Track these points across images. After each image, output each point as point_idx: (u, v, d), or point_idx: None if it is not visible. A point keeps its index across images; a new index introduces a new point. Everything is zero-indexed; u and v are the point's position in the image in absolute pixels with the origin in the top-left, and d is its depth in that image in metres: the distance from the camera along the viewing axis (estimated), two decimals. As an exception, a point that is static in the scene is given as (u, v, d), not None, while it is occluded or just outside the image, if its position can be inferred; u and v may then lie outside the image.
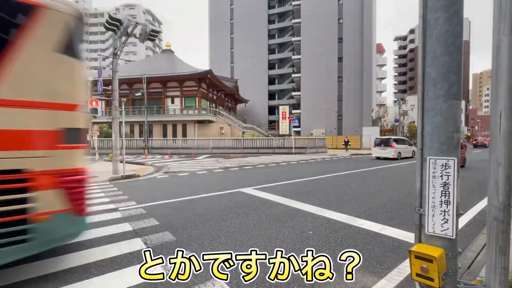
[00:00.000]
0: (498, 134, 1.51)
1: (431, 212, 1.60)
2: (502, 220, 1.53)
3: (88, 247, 3.88)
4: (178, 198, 7.03)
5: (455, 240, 1.61)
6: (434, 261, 1.45)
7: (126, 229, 4.65)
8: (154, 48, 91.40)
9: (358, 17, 41.07)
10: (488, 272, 1.60)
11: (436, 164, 1.59)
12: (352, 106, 41.79)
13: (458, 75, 1.55)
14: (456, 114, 1.57)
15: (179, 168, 14.24)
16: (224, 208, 5.99)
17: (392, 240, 4.22)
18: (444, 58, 1.54)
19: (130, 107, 31.11)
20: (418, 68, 1.58)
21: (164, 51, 39.32)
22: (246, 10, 49.77)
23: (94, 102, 11.48)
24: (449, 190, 1.56)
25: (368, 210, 5.83)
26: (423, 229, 1.62)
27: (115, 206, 6.19)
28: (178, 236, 4.29)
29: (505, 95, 1.47)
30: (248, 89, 48.21)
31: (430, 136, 1.62)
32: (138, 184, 9.50)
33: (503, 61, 1.44)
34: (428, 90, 1.60)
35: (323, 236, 4.33)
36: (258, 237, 4.28)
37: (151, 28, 9.58)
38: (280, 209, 5.88)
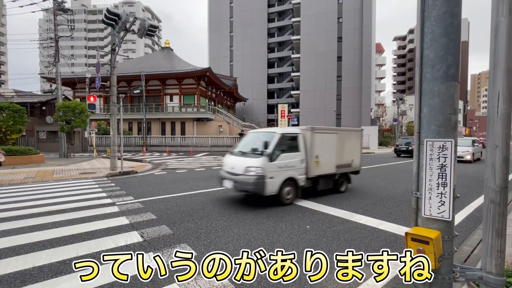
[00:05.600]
0: (495, 116, 1.50)
1: (428, 194, 1.59)
2: (499, 203, 1.52)
3: (84, 239, 3.85)
4: (176, 193, 7.01)
5: (451, 222, 1.60)
6: (431, 242, 1.43)
7: (122, 222, 4.63)
8: (153, 46, 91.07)
9: (358, 16, 41.05)
10: (484, 255, 1.59)
11: (433, 147, 1.57)
12: (351, 105, 41.81)
13: (456, 56, 1.53)
14: (453, 96, 1.55)
15: (177, 165, 14.20)
16: (221, 203, 5.98)
17: (389, 234, 4.23)
18: (442, 40, 1.52)
19: (128, 105, 30.98)
20: (416, 51, 1.57)
21: (163, 48, 39.14)
22: (246, 9, 49.63)
23: (92, 98, 11.41)
24: (446, 172, 1.55)
25: (366, 206, 5.84)
26: (419, 213, 1.61)
27: (112, 201, 6.17)
28: (175, 230, 4.28)
29: (502, 77, 1.45)
30: (247, 87, 48.13)
31: (428, 118, 1.60)
32: (136, 180, 9.47)
33: (501, 42, 1.41)
34: (425, 72, 1.58)
35: (320, 230, 4.33)
36: (255, 231, 4.27)
37: (149, 24, 9.51)
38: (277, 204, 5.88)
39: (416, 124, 1.65)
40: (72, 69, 37.40)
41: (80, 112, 17.85)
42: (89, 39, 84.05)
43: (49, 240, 3.80)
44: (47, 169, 12.20)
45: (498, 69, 1.43)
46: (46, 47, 40.09)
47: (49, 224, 4.52)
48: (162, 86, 31.04)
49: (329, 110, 42.45)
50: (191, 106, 30.51)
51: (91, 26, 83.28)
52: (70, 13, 19.95)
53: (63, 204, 5.87)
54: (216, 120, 31.23)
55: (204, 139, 27.21)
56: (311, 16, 43.22)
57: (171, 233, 4.13)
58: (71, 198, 6.41)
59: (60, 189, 7.58)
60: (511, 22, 1.37)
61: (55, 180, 9.26)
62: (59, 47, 19.08)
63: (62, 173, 10.82)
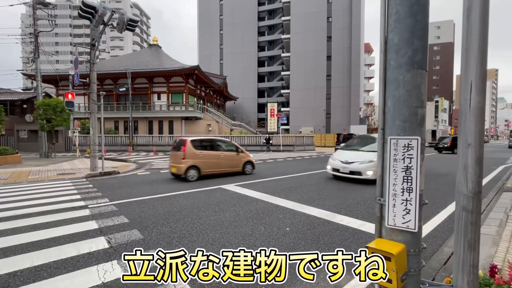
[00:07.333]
0: (468, 111, 1.32)
1: (392, 201, 1.40)
2: (471, 210, 1.34)
3: (44, 247, 3.55)
4: (156, 195, 6.72)
5: (418, 233, 1.41)
6: (392, 259, 1.26)
7: (91, 227, 4.33)
8: (141, 43, 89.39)
9: (347, 16, 41.32)
10: (455, 270, 1.41)
11: (397, 145, 1.39)
12: (340, 104, 42.11)
13: (423, 40, 1.36)
14: (420, 86, 1.37)
15: (163, 165, 13.81)
16: (201, 205, 5.74)
17: (370, 236, 4.09)
18: (407, 20, 1.34)
19: (114, 103, 30.17)
20: (380, 34, 1.38)
21: (151, 45, 38.31)
22: (236, 7, 49.18)
23: (71, 95, 10.91)
24: (411, 175, 1.37)
25: (349, 206, 5.72)
26: (383, 222, 1.42)
27: (85, 204, 5.83)
28: (146, 235, 4.02)
29: (475, 64, 1.28)
30: (238, 86, 47.77)
31: (392, 112, 1.41)
32: (117, 181, 9.09)
33: (474, 24, 1.24)
34: (390, 59, 1.40)
35: (300, 233, 4.16)
36: (232, 234, 4.06)
37: (128, 17, 9.10)
38: (260, 206, 5.69)
39: (381, 119, 1.45)
40: (57, 66, 36.16)
41: (62, 110, 17.18)
42: (75, 35, 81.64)
43: (2, 249, 3.48)
44: (23, 169, 11.63)
45: (470, 55, 1.26)
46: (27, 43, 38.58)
47: (8, 230, 4.18)
48: (150, 84, 30.37)
49: (319, 109, 42.65)
50: (179, 105, 29.97)
51: (77, 22, 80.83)
52: (51, 7, 19.18)
53: (31, 207, 5.50)
54: (205, 119, 30.81)
55: (192, 138, 26.76)
56: (301, 15, 43.26)
57: (141, 238, 3.87)
58: (41, 201, 6.04)
59: (32, 191, 7.16)
60: (485, 1, 1.21)
61: (30, 182, 8.79)
62: (40, 43, 18.32)
63: (38, 174, 10.32)
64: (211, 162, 9.13)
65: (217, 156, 9.42)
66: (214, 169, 9.21)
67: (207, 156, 9.09)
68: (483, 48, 1.24)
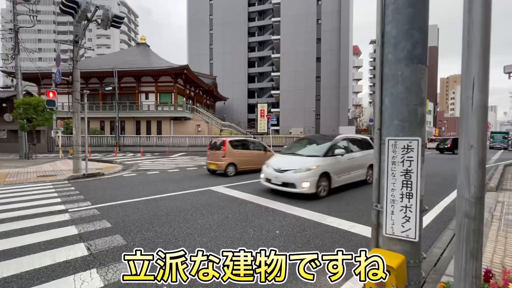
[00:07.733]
0: (470, 110, 1.23)
1: (390, 208, 1.27)
2: (474, 217, 1.24)
3: (16, 255, 3.30)
4: (141, 197, 6.48)
5: (418, 243, 1.28)
6: (392, 272, 1.16)
7: (70, 233, 4.09)
8: (129, 41, 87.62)
9: (336, 18, 41.82)
10: (457, 280, 1.31)
11: (396, 147, 1.22)
12: (329, 105, 42.54)
13: (423, 33, 1.21)
14: (420, 82, 1.22)
15: (150, 166, 13.47)
16: (189, 208, 5.56)
17: (360, 238, 4.05)
18: (406, 10, 1.16)
19: (100, 102, 29.31)
20: (376, 27, 1.27)
21: (139, 44, 37.48)
22: (226, 7, 48.89)
23: (52, 93, 10.44)
24: (411, 179, 1.20)
25: (339, 208, 5.68)
26: (381, 230, 1.32)
27: (65, 207, 5.53)
28: (129, 240, 3.82)
29: (478, 58, 1.19)
30: (228, 86, 47.46)
31: (390, 110, 1.25)
32: (100, 183, 8.75)
33: (476, 16, 1.15)
34: (387, 53, 1.24)
35: (291, 236, 4.06)
36: (221, 238, 3.92)
37: (113, 14, 8.79)
38: (249, 208, 5.56)
39: (377, 119, 1.34)
40: (39, 63, 34.80)
41: (43, 109, 16.47)
42: (59, 33, 79.05)
43: (-31, 259, 3.20)
44: (0, 172, 11.04)
45: (473, 49, 1.17)
46: (8, 39, 36.91)
47: (-23, 237, 3.88)
48: (137, 84, 29.68)
49: (308, 110, 42.94)
50: (168, 105, 29.43)
51: (61, 19, 78.32)
52: (33, 1, 18.40)
53: (5, 212, 5.17)
54: (194, 119, 30.39)
55: (181, 138, 26.34)
56: (291, 17, 43.47)
57: (123, 244, 3.67)
58: (17, 205, 5.69)
59: (8, 195, 6.76)
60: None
61: (6, 184, 8.32)
62: (21, 39, 17.54)
63: (16, 176, 9.80)
64: (245, 160, 10.18)
65: (250, 154, 10.55)
66: (247, 166, 10.23)
67: (242, 155, 10.21)
68: (486, 40, 1.16)
